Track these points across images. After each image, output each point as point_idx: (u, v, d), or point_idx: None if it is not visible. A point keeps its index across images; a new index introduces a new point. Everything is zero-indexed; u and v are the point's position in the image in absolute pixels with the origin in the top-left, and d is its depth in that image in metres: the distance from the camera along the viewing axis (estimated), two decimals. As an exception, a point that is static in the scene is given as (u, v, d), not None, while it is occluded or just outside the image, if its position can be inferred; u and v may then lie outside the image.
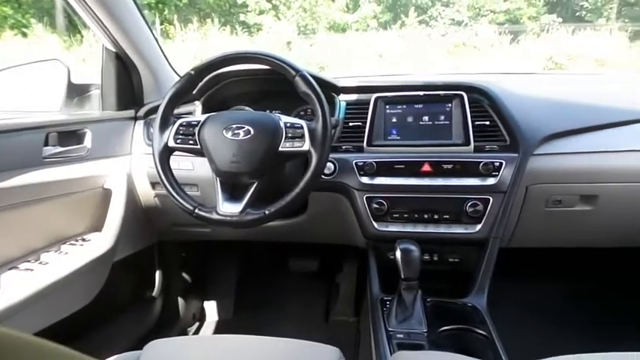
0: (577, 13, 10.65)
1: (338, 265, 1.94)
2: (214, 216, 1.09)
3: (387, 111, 1.32)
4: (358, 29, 10.35)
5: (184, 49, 7.66)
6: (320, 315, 1.91)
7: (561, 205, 1.29)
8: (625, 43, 8.45)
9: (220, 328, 1.89)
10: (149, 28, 1.42)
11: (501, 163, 1.20)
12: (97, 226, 1.34)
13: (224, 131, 1.08)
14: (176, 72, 1.58)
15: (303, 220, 1.40)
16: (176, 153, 1.15)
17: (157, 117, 1.13)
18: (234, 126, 1.08)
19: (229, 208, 1.09)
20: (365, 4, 10.49)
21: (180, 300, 1.85)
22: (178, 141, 1.12)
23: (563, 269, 1.81)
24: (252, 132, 1.07)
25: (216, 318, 1.94)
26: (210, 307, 1.96)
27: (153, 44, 1.45)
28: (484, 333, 1.09)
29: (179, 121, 1.13)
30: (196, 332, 1.86)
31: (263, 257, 2.02)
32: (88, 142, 1.30)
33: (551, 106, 1.34)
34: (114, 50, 1.39)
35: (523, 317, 1.66)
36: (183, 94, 1.15)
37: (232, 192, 1.12)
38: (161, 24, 8.43)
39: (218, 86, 1.42)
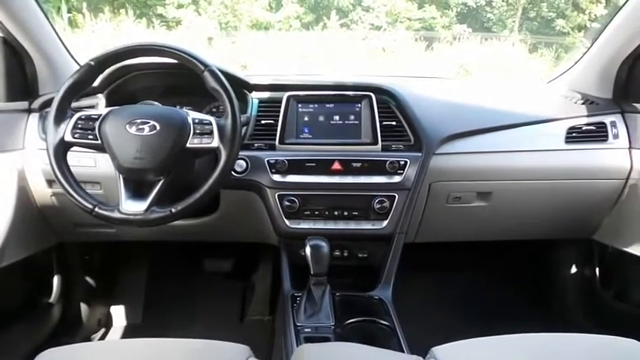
0: (485, 24, 11.47)
1: (254, 264, 1.93)
2: (116, 214, 1.05)
3: (299, 109, 1.33)
4: (281, 29, 10.34)
5: (95, 40, 7.19)
6: (235, 315, 1.89)
7: (460, 202, 1.38)
8: (525, 53, 9.24)
9: (128, 333, 1.80)
10: (44, 13, 1.31)
11: (406, 162, 1.26)
12: None
13: (127, 126, 1.04)
14: (77, 62, 1.48)
15: (215, 219, 1.38)
16: (75, 149, 1.10)
17: (52, 109, 1.06)
18: (138, 121, 1.05)
19: (133, 207, 1.05)
20: (288, 4, 10.51)
21: (83, 305, 1.73)
22: (76, 135, 1.06)
23: (464, 262, 1.94)
24: (157, 127, 1.04)
25: (124, 323, 1.84)
26: (118, 312, 1.86)
27: (48, 31, 1.35)
28: (387, 323, 1.14)
29: (77, 115, 1.07)
30: (102, 339, 1.76)
31: (175, 257, 1.96)
32: None
33: (453, 108, 1.44)
34: (0, 35, 1.27)
35: (426, 307, 1.76)
36: (81, 85, 1.09)
37: (137, 189, 1.09)
38: (69, 12, 7.81)
39: (123, 79, 1.36)
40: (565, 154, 1.38)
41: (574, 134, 1.39)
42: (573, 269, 1.81)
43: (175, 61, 1.10)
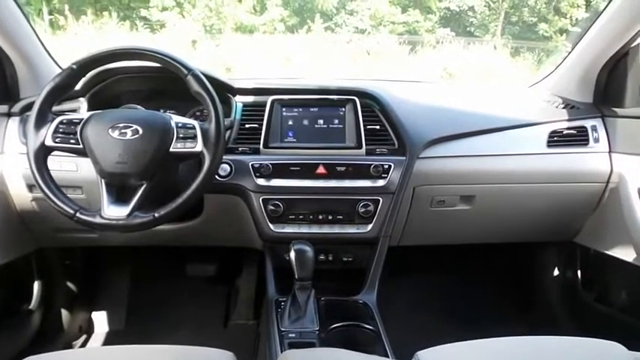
0: (468, 28, 11.59)
1: (238, 269, 1.92)
2: (98, 220, 1.04)
3: (284, 113, 1.33)
4: (265, 32, 10.32)
5: (78, 42, 7.09)
6: (219, 320, 1.87)
7: (444, 205, 1.39)
8: (507, 57, 9.36)
9: (110, 340, 1.77)
10: (24, 15, 1.29)
11: (390, 166, 1.27)
12: None
13: (110, 130, 1.03)
14: (59, 65, 1.46)
15: (199, 223, 1.37)
16: (56, 153, 1.08)
17: (33, 113, 1.05)
18: (120, 125, 1.04)
19: (115, 212, 1.04)
20: (272, 8, 10.50)
21: (64, 311, 1.70)
22: (57, 140, 1.05)
23: (448, 265, 1.96)
24: (140, 131, 1.03)
25: (106, 329, 1.82)
26: (100, 318, 1.83)
27: (28, 33, 1.33)
28: (372, 328, 1.15)
29: (59, 119, 1.06)
30: (83, 346, 1.73)
31: (158, 262, 1.94)
32: None
33: (437, 112, 1.44)
34: None
35: (410, 311, 1.77)
36: (62, 89, 1.08)
37: (119, 194, 1.08)
38: (50, 14, 7.68)
39: (106, 82, 1.34)
40: (547, 158, 1.40)
41: (555, 138, 1.41)
42: (556, 272, 1.83)
43: (158, 65, 1.09)
